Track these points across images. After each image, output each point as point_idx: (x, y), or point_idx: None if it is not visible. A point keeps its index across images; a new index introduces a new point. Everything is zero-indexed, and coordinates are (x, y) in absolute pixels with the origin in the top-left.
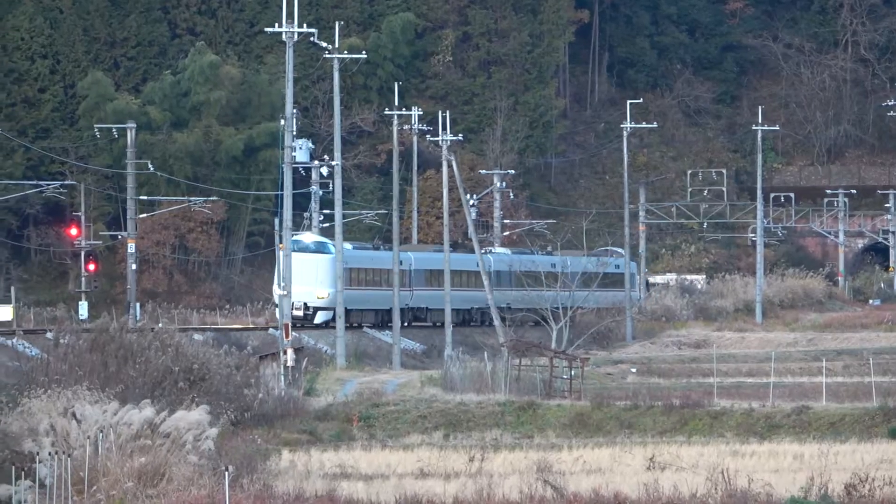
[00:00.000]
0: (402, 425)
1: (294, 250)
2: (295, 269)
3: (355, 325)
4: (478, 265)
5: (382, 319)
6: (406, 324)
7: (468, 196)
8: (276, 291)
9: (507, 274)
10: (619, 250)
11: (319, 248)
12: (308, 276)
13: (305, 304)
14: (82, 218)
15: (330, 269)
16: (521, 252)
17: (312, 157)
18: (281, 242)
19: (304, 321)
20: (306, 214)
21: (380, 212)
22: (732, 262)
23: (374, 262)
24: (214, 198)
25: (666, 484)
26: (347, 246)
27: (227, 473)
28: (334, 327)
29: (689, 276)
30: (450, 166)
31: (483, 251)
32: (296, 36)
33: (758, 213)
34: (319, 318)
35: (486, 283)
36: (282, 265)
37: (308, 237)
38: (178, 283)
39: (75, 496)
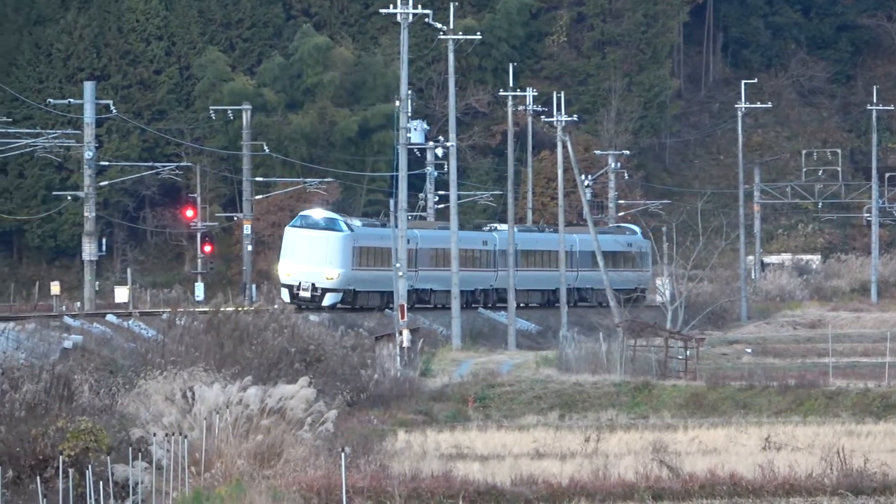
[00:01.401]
0: (517, 406)
1: (301, 226)
2: (302, 248)
3: (361, 307)
4: (483, 244)
5: (387, 302)
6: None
7: (583, 177)
8: (284, 271)
9: (514, 253)
10: (634, 227)
11: (329, 225)
12: (317, 254)
13: (313, 284)
14: (198, 199)
15: (341, 248)
16: (528, 229)
17: (427, 139)
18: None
19: (312, 303)
20: (421, 196)
21: (494, 193)
22: (848, 242)
23: (384, 240)
24: (329, 179)
25: (781, 464)
26: (356, 222)
27: (343, 454)
28: (343, 310)
29: (804, 257)
30: (564, 147)
31: (487, 228)
32: (410, 17)
33: (873, 193)
34: (328, 300)
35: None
36: (399, 246)
37: (317, 213)
38: None
39: (191, 477)
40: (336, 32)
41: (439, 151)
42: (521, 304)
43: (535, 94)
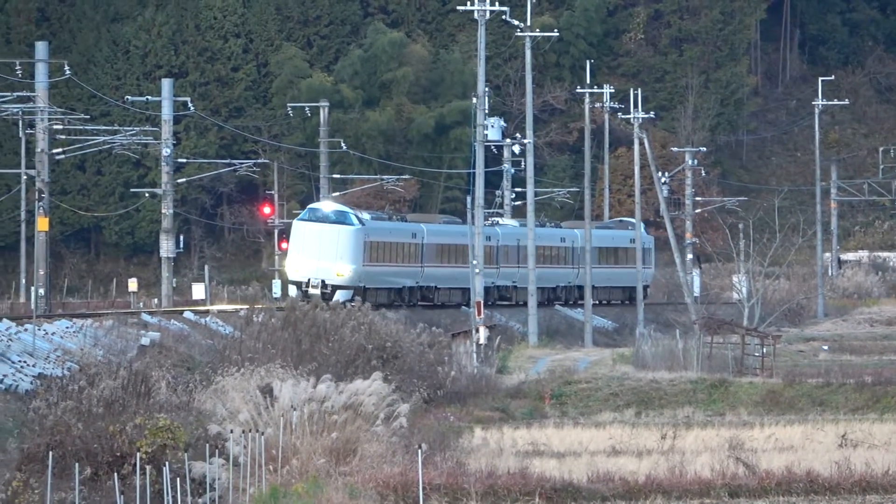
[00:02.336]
0: (593, 403)
1: (310, 220)
2: (311, 242)
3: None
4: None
5: (394, 300)
6: (413, 304)
7: (659, 174)
8: (293, 268)
9: (515, 249)
10: (633, 220)
11: (340, 219)
12: (327, 250)
13: (323, 281)
14: (275, 196)
15: (352, 243)
16: (539, 224)
17: (504, 136)
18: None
19: (323, 300)
20: (498, 192)
21: (571, 189)
22: None
23: (394, 234)
24: (406, 176)
25: (857, 462)
26: (366, 216)
27: (420, 451)
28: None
29: (881, 254)
30: (641, 144)
31: (489, 223)
32: (488, 14)
33: None
34: (338, 298)
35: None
36: (476, 243)
37: (327, 205)
38: None
39: (268, 474)
40: (413, 30)
41: (516, 148)
42: (521, 303)
43: (612, 91)
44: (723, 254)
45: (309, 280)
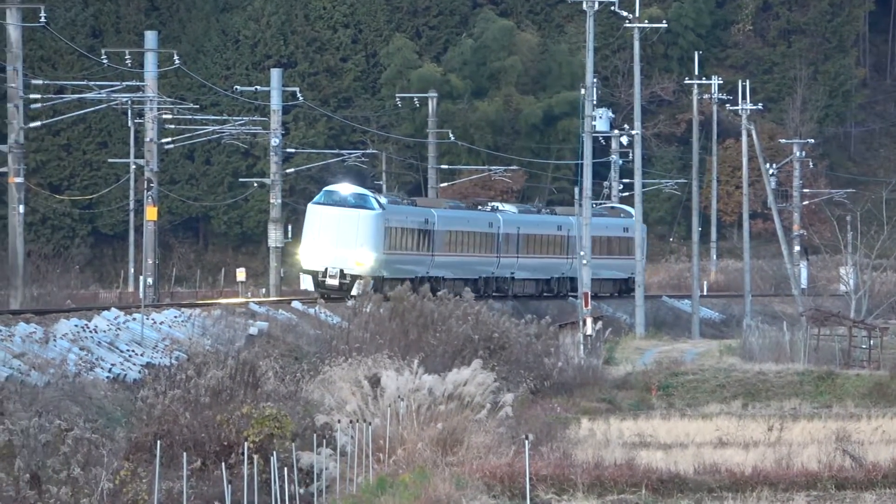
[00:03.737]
0: (700, 394)
1: (327, 203)
2: (328, 228)
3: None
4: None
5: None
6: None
7: (767, 165)
8: (307, 256)
9: (516, 237)
10: (628, 209)
11: (360, 202)
12: (346, 236)
13: (341, 271)
14: (383, 187)
15: (373, 228)
16: (528, 210)
17: (612, 127)
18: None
19: (339, 292)
20: (606, 184)
21: (679, 181)
22: None
23: (411, 219)
24: (514, 167)
25: None
26: (382, 199)
27: (526, 441)
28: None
29: None
30: (749, 136)
31: (489, 208)
32: (596, 5)
33: None
34: (357, 289)
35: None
36: (584, 234)
37: (345, 188)
38: None
39: (375, 464)
40: (522, 21)
41: (624, 140)
42: (517, 295)
43: (721, 82)
44: (830, 246)
45: (326, 269)
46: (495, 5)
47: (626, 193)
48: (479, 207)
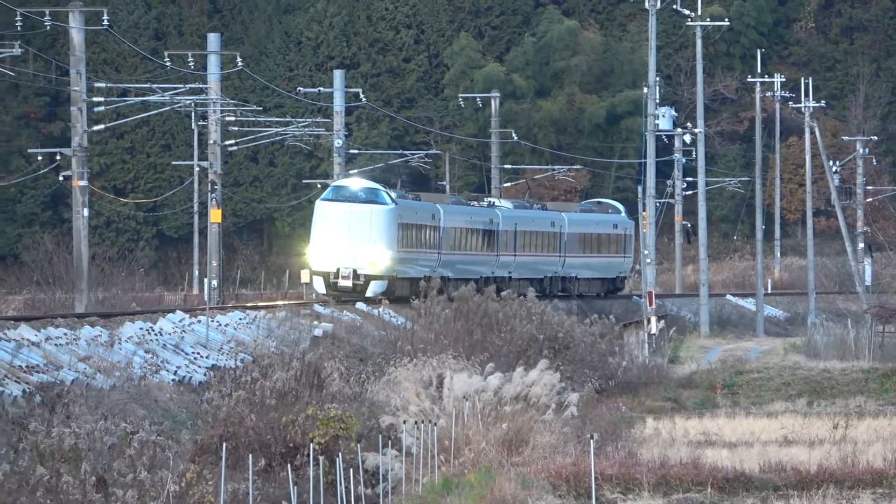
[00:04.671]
0: (765, 392)
1: (336, 199)
2: (339, 226)
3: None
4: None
5: (416, 291)
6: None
7: (830, 162)
8: (317, 256)
9: (513, 234)
10: (617, 204)
11: (372, 197)
12: (358, 234)
13: (355, 271)
14: (447, 187)
15: (386, 225)
16: (523, 206)
17: (675, 125)
18: (644, 210)
19: (353, 294)
20: (669, 182)
21: (742, 179)
22: None
23: (421, 215)
24: (578, 166)
25: None
26: (392, 193)
27: (592, 441)
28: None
29: None
30: (812, 133)
31: (487, 203)
32: (658, 4)
33: None
34: (372, 290)
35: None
36: (648, 233)
37: (355, 182)
38: None
39: (441, 465)
40: (584, 19)
41: (687, 138)
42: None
43: (783, 80)
44: (894, 242)
45: (338, 270)
46: (558, 5)
47: (690, 192)
48: (476, 203)
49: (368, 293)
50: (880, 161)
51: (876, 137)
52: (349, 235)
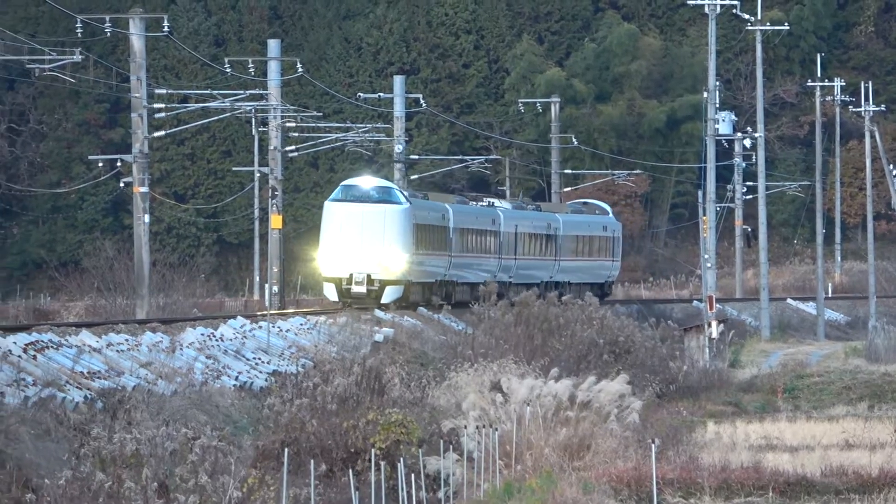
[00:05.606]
0: (826, 396)
1: (346, 200)
2: (350, 228)
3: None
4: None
5: (430, 297)
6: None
7: (891, 166)
8: (327, 261)
9: (514, 236)
10: (604, 205)
11: (385, 196)
12: (372, 236)
13: (369, 276)
14: (507, 193)
15: (401, 226)
16: (520, 207)
17: (735, 130)
18: (704, 215)
19: (368, 301)
20: (729, 187)
21: (802, 183)
22: None
23: (434, 215)
24: (638, 171)
25: None
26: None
27: (653, 445)
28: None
29: None
30: (872, 137)
31: (485, 203)
32: (718, 8)
33: None
34: (388, 296)
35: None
36: (708, 237)
37: (367, 181)
38: None
39: (502, 469)
40: (644, 24)
41: (747, 142)
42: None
43: (843, 84)
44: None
45: (351, 276)
46: (617, 10)
47: (750, 196)
48: (477, 203)
49: (384, 299)
50: None
51: None
52: (362, 238)
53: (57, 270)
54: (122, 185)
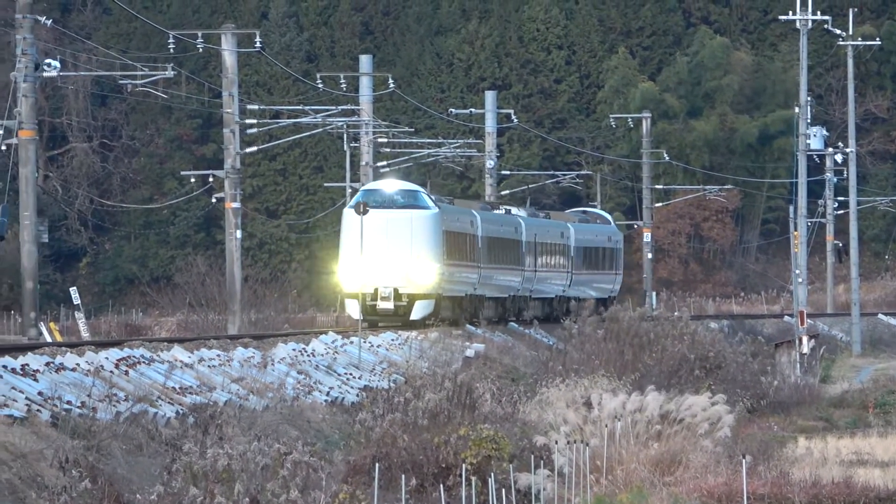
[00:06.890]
0: None
1: (368, 204)
2: (374, 237)
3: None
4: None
5: (462, 312)
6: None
7: None
8: (349, 274)
9: (533, 246)
10: (605, 214)
11: (411, 201)
12: (398, 246)
13: (396, 290)
14: (598, 207)
15: (431, 233)
16: (534, 215)
17: (826, 145)
18: (796, 230)
19: (397, 317)
20: (820, 202)
21: (894, 198)
22: None
23: (463, 221)
24: (729, 186)
25: None
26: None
27: (744, 461)
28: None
29: None
30: None
31: (505, 211)
32: (809, 24)
33: None
34: (417, 312)
35: None
36: (800, 253)
37: (391, 184)
38: (693, 272)
39: (593, 484)
40: (735, 39)
41: (838, 157)
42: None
43: None
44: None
45: (376, 290)
46: (708, 25)
47: (841, 211)
48: (495, 209)
49: (413, 316)
50: None
51: None
52: (387, 248)
53: (149, 286)
54: (213, 200)
